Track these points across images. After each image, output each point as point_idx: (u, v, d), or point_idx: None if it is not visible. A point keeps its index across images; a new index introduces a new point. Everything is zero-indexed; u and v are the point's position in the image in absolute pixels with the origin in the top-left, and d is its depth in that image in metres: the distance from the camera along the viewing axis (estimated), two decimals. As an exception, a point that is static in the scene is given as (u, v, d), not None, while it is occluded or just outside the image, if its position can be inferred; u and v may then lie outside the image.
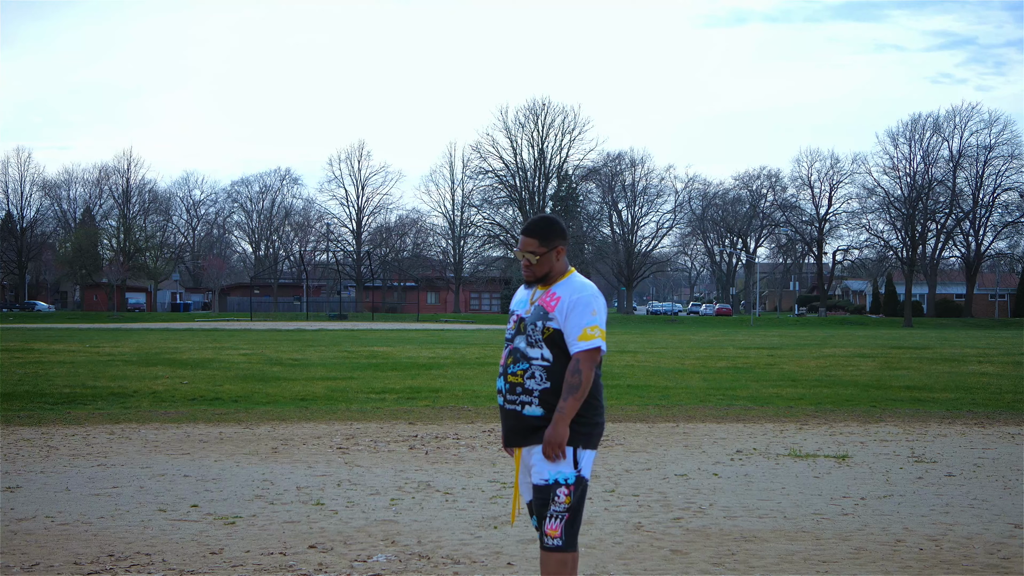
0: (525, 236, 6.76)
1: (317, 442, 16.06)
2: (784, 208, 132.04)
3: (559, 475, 6.51)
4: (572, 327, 6.50)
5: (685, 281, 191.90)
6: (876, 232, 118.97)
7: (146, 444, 15.80)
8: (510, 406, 6.59)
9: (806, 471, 13.65)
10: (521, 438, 6.58)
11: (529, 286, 6.80)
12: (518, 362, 6.56)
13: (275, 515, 10.77)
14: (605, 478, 12.98)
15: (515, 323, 6.71)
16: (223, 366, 32.34)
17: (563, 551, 6.59)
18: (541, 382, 6.50)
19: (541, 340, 6.53)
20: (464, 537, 9.67)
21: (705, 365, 34.23)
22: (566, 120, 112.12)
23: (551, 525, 6.53)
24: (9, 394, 22.72)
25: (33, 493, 11.89)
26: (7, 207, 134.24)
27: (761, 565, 8.74)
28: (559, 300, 6.57)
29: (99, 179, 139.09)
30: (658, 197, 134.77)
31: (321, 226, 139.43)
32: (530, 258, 6.67)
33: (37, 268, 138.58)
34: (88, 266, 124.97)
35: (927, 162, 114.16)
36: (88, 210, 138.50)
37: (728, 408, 21.24)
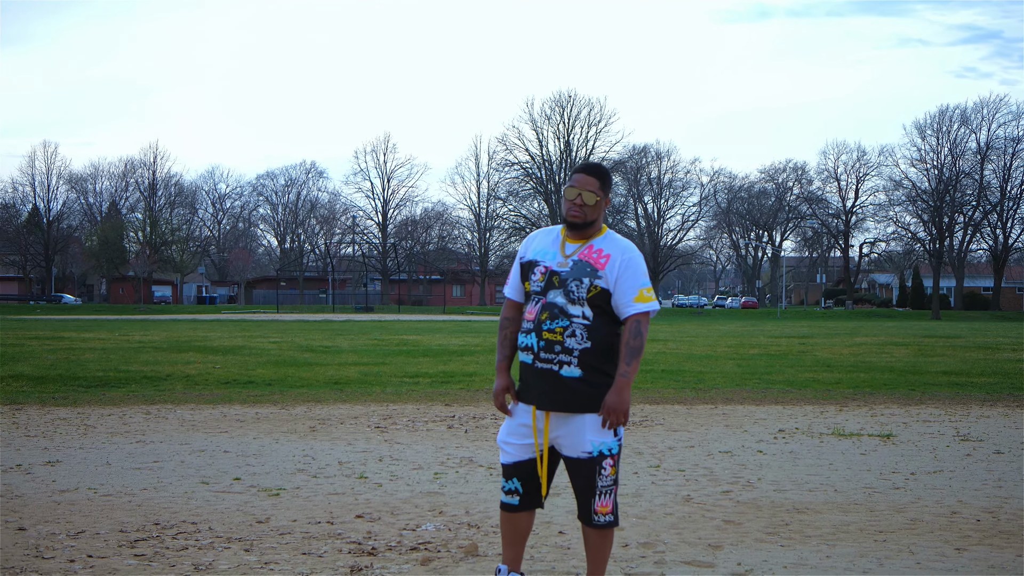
0: (585, 175, 6.36)
1: (355, 422, 15.96)
2: (810, 201, 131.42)
3: (603, 446, 6.25)
4: (627, 287, 6.20)
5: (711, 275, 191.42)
6: (903, 225, 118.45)
7: (183, 423, 15.72)
8: (544, 365, 6.18)
9: (852, 448, 13.49)
10: (559, 403, 6.21)
11: (548, 236, 6.48)
12: (556, 318, 6.16)
13: (319, 487, 10.67)
14: (649, 454, 12.84)
15: (544, 275, 6.33)
16: (254, 352, 32.29)
17: (614, 526, 6.44)
18: (582, 341, 6.16)
19: (584, 298, 6.18)
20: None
21: (737, 352, 34.04)
22: (592, 112, 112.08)
23: (601, 502, 6.29)
24: (43, 377, 22.68)
25: (74, 467, 11.80)
26: (34, 200, 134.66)
27: (817, 535, 8.59)
28: (608, 258, 6.24)
29: (125, 172, 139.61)
30: (683, 190, 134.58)
31: (347, 219, 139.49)
32: (588, 198, 6.28)
33: (64, 261, 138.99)
34: (114, 259, 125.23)
35: (954, 154, 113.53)
36: (114, 203, 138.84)
37: (766, 391, 21.08)
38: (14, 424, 15.50)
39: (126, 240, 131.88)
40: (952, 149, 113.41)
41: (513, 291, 6.58)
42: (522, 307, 6.53)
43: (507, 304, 6.62)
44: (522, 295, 6.51)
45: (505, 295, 6.64)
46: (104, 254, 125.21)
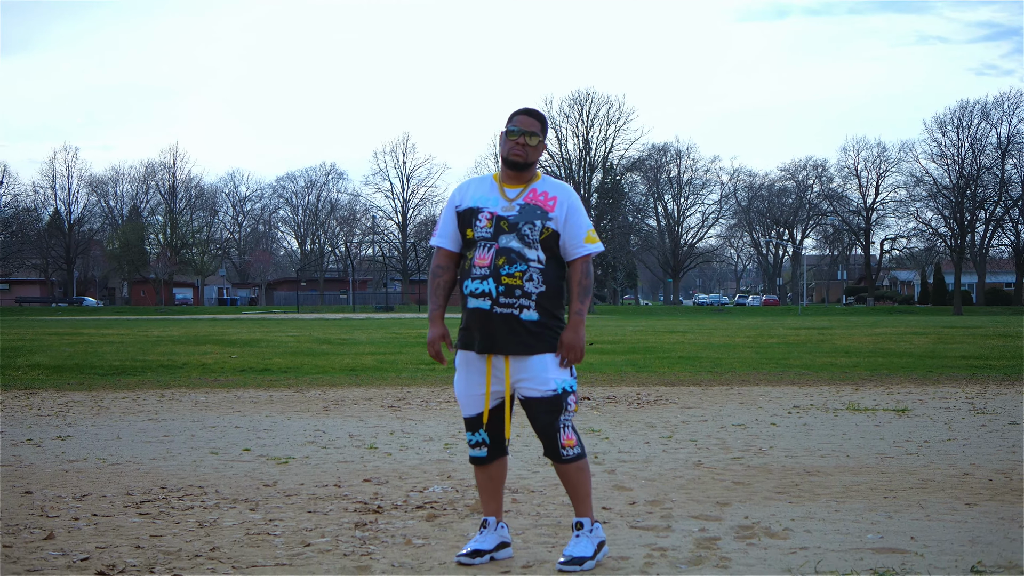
0: (527, 116, 6.42)
1: (368, 402, 15.94)
2: (831, 198, 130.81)
3: (564, 383, 6.29)
4: (576, 229, 6.28)
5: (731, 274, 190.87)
6: (924, 221, 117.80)
7: (196, 404, 15.72)
8: (504, 310, 6.16)
9: (866, 421, 13.41)
10: (520, 346, 6.22)
11: (482, 183, 6.46)
12: (514, 263, 6.16)
13: (328, 456, 10.66)
14: (661, 427, 12.80)
15: (491, 221, 6.27)
16: (272, 344, 32.28)
17: (583, 457, 6.45)
18: (538, 285, 6.19)
19: (538, 241, 6.21)
20: (522, 473, 9.51)
21: (756, 342, 33.90)
22: (611, 110, 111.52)
23: (567, 435, 6.32)
24: (59, 367, 22.72)
25: (84, 441, 11.81)
26: (55, 204, 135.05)
27: (826, 493, 8.52)
28: (556, 200, 6.29)
29: (145, 175, 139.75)
30: (703, 188, 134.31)
31: (366, 220, 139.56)
32: (531, 139, 6.33)
33: (85, 264, 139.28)
34: (135, 261, 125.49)
35: (975, 149, 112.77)
36: (135, 207, 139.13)
37: (782, 374, 21.02)
38: (28, 406, 15.53)
39: (147, 243, 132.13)
40: (973, 144, 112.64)
41: (447, 239, 6.49)
42: (456, 256, 6.48)
43: (439, 253, 6.52)
44: (457, 244, 6.45)
45: (436, 245, 6.53)
46: (125, 257, 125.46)
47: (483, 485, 6.58)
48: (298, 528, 7.30)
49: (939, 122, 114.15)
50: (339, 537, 7.02)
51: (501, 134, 6.41)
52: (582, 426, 12.92)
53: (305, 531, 7.21)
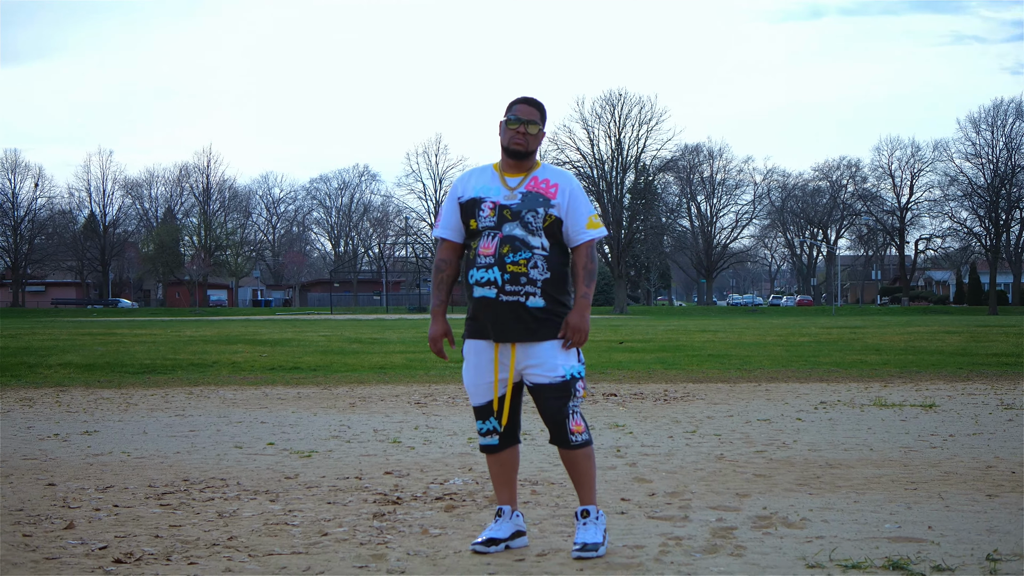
0: (527, 106, 6.43)
1: (395, 399, 15.98)
2: (864, 198, 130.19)
3: (573, 369, 6.31)
4: (579, 215, 6.31)
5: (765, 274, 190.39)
6: (959, 220, 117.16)
7: (224, 401, 15.79)
8: (510, 297, 6.18)
9: (892, 416, 13.36)
10: (527, 333, 6.24)
11: (483, 174, 6.48)
12: (519, 251, 6.18)
13: (351, 450, 10.69)
14: (686, 422, 12.78)
15: (493, 210, 6.30)
16: (302, 344, 32.37)
17: (590, 444, 6.46)
18: (543, 272, 6.21)
19: (541, 228, 6.24)
20: (543, 466, 9.51)
21: (787, 340, 33.79)
22: (643, 111, 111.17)
23: (575, 421, 6.35)
24: (91, 365, 22.84)
25: (110, 436, 11.89)
26: (90, 206, 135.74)
27: (847, 485, 8.50)
28: (557, 187, 6.32)
29: (180, 177, 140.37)
30: (736, 189, 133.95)
31: (399, 221, 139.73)
32: (531, 129, 6.36)
33: (120, 266, 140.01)
34: (170, 263, 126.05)
35: (1010, 148, 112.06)
36: (170, 209, 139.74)
37: (811, 371, 20.96)
38: (57, 403, 15.62)
39: (182, 244, 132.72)
40: (1007, 143, 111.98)
41: (450, 231, 6.51)
42: (459, 248, 6.53)
43: (443, 245, 6.56)
44: (460, 235, 6.48)
45: (439, 237, 6.57)
46: (160, 258, 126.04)
47: (496, 473, 6.60)
48: (316, 518, 7.33)
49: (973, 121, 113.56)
50: (356, 527, 7.04)
51: (500, 123, 6.43)
52: (606, 421, 12.93)
53: (323, 521, 7.24)
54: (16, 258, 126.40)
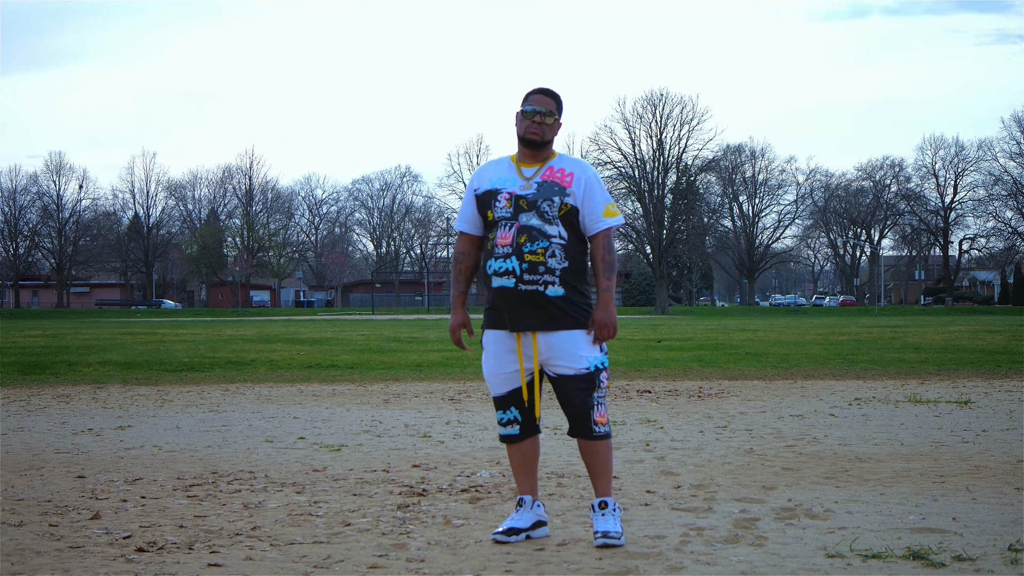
0: (543, 96, 6.43)
1: (429, 395, 16.01)
2: (908, 198, 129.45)
3: (596, 360, 6.32)
4: (595, 204, 6.31)
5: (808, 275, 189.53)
6: (1003, 220, 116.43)
7: (259, 398, 15.86)
8: (529, 287, 6.18)
9: (926, 412, 13.29)
10: (547, 322, 6.25)
11: (499, 165, 6.50)
12: (536, 240, 6.18)
13: (381, 444, 10.73)
14: (718, 418, 12.75)
15: (510, 200, 6.30)
16: (341, 343, 32.48)
17: (610, 436, 6.48)
18: (561, 261, 6.21)
19: (557, 217, 6.24)
20: (571, 459, 9.50)
21: (826, 339, 33.64)
22: (684, 110, 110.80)
23: (600, 412, 6.36)
24: (129, 364, 23.00)
25: (143, 430, 11.97)
26: (134, 208, 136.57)
27: (875, 479, 8.45)
28: (572, 176, 6.33)
29: (223, 179, 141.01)
30: (779, 189, 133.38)
31: (441, 222, 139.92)
32: (547, 119, 6.36)
33: (164, 267, 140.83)
34: (213, 264, 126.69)
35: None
36: (213, 210, 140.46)
37: (848, 368, 20.86)
38: (93, 399, 15.73)
39: (225, 246, 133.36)
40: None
41: (468, 224, 6.54)
42: (478, 240, 6.54)
43: (462, 238, 6.58)
44: (478, 227, 6.50)
45: (458, 229, 6.61)
46: (203, 259, 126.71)
47: (516, 463, 6.61)
48: (341, 509, 7.36)
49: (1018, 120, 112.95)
50: (380, 518, 7.06)
51: (517, 114, 6.44)
52: (638, 416, 12.93)
53: (347, 512, 7.26)
54: (61, 259, 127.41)
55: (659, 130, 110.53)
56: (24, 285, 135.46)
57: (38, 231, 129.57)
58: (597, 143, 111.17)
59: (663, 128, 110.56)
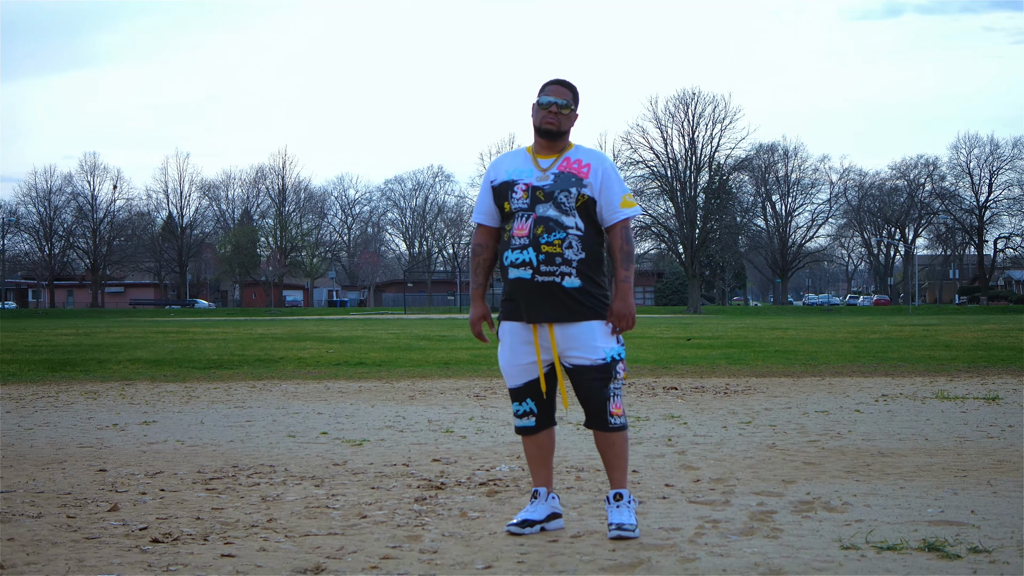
0: (560, 86, 6.41)
1: (455, 392, 16.00)
2: (942, 197, 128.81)
3: (613, 351, 6.29)
4: (612, 194, 6.28)
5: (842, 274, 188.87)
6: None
7: (285, 394, 15.88)
8: (546, 278, 6.17)
9: (953, 408, 13.21)
10: (565, 313, 6.22)
11: (516, 157, 6.49)
12: (552, 231, 6.16)
13: (403, 438, 10.73)
14: (743, 414, 12.71)
15: (526, 192, 6.29)
16: (370, 341, 32.52)
17: (626, 428, 6.46)
18: (578, 252, 6.18)
19: (574, 208, 6.22)
20: (592, 454, 9.44)
21: (857, 337, 33.50)
22: (716, 109, 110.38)
23: (616, 404, 6.34)
24: (159, 361, 23.09)
25: (168, 425, 12.00)
26: (167, 208, 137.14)
27: (896, 473, 8.41)
28: (589, 167, 6.30)
29: (256, 179, 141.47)
30: (812, 188, 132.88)
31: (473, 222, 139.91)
32: (564, 110, 6.34)
33: (197, 267, 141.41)
34: (246, 263, 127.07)
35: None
36: (247, 210, 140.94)
37: (877, 366, 20.75)
38: (121, 395, 15.79)
39: (258, 246, 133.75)
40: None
41: (485, 216, 6.55)
42: (495, 232, 6.53)
43: (479, 230, 6.60)
44: (495, 219, 6.50)
45: (475, 221, 6.61)
46: (237, 259, 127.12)
47: (532, 455, 6.59)
48: (358, 502, 7.36)
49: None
50: (396, 510, 7.06)
51: (533, 105, 6.42)
52: (662, 412, 12.90)
53: (364, 505, 7.27)
54: (95, 259, 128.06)
55: (691, 129, 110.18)
56: (59, 285, 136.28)
57: (73, 231, 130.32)
58: (629, 142, 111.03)
59: (695, 127, 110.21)
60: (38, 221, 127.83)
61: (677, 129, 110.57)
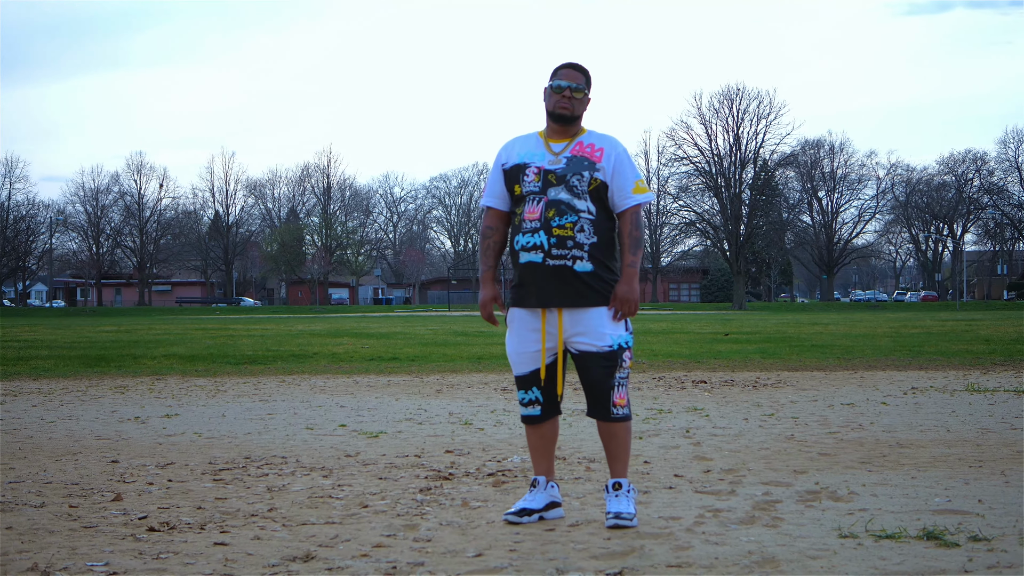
0: (574, 70, 6.36)
1: (483, 386, 15.96)
2: (991, 192, 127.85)
3: (620, 339, 6.21)
4: (624, 180, 6.21)
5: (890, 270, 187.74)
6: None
7: (313, 388, 15.89)
8: (557, 261, 6.10)
9: (981, 400, 13.08)
10: (575, 297, 6.16)
11: (528, 140, 6.42)
12: (564, 214, 6.09)
13: (420, 431, 10.71)
14: (767, 406, 12.62)
15: (538, 175, 6.22)
16: (407, 337, 32.53)
17: (630, 418, 6.39)
18: (590, 236, 6.11)
19: (587, 192, 6.15)
20: (607, 446, 9.41)
21: (898, 332, 33.24)
22: (761, 105, 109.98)
23: (619, 394, 6.26)
24: (193, 356, 23.15)
25: (189, 418, 12.02)
26: (213, 206, 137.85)
27: (911, 463, 8.30)
28: (603, 151, 6.23)
29: (301, 177, 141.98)
30: (859, 183, 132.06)
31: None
32: (577, 94, 6.28)
33: (244, 265, 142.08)
34: (291, 262, 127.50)
35: None
36: (293, 208, 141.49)
37: (912, 359, 20.58)
38: (149, 390, 15.84)
39: (304, 244, 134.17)
40: None
41: (495, 199, 6.47)
42: (505, 216, 6.46)
43: (489, 213, 6.51)
44: (506, 203, 6.43)
45: (485, 205, 6.54)
46: (283, 257, 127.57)
47: (534, 444, 6.53)
48: (363, 492, 7.33)
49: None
50: (400, 500, 7.03)
51: (545, 89, 6.36)
52: (686, 405, 12.83)
53: (368, 495, 7.23)
54: (142, 258, 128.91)
55: (736, 125, 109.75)
56: (107, 284, 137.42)
57: (120, 230, 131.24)
58: (673, 139, 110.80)
59: (740, 123, 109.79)
60: (86, 220, 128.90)
61: (721, 125, 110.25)
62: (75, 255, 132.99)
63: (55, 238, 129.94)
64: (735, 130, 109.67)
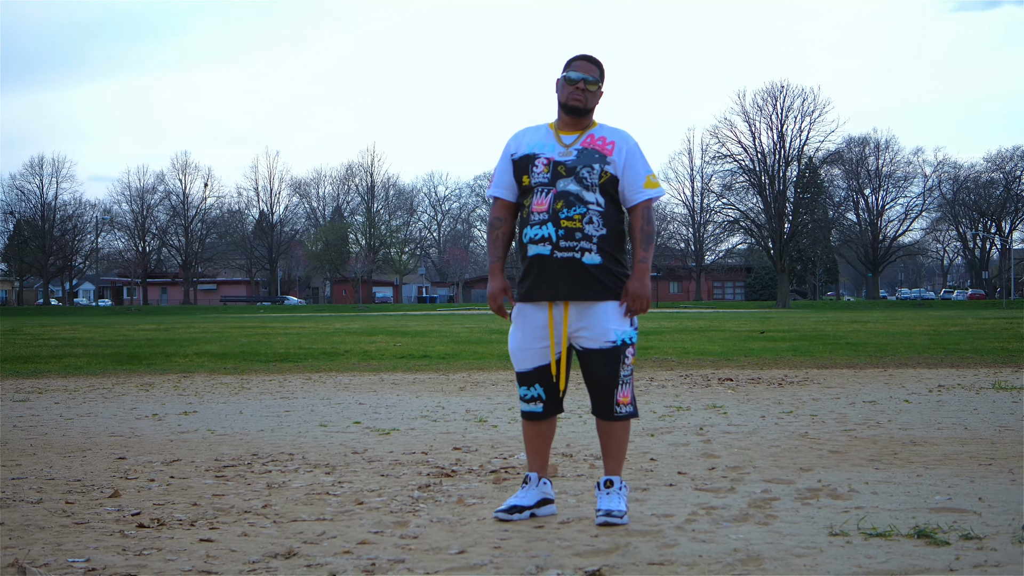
0: (588, 62, 6.30)
1: (508, 384, 15.89)
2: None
3: (625, 335, 6.13)
4: (636, 173, 6.14)
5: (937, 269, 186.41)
6: None
7: (337, 386, 15.89)
8: (565, 253, 6.01)
9: (1006, 398, 12.93)
10: (583, 290, 6.07)
11: (538, 131, 6.33)
12: (573, 206, 6.00)
13: (433, 428, 10.67)
14: (788, 404, 12.54)
15: (548, 166, 6.14)
16: (442, 335, 32.54)
17: (632, 417, 6.31)
18: (599, 228, 6.03)
19: (597, 185, 6.06)
20: (617, 443, 9.34)
21: (936, 330, 32.99)
22: (805, 102, 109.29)
23: (623, 392, 6.18)
24: (225, 354, 23.21)
25: (206, 415, 12.03)
26: (258, 205, 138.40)
27: (920, 461, 8.19)
28: (614, 144, 6.17)
29: (345, 176, 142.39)
30: (904, 181, 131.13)
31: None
32: (591, 86, 6.22)
33: (288, 264, 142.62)
34: (335, 260, 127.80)
35: None
36: (338, 207, 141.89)
37: (945, 357, 20.39)
38: (174, 388, 15.87)
39: (348, 243, 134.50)
40: None
41: (503, 189, 6.37)
42: (513, 207, 6.38)
43: (497, 204, 6.42)
44: (514, 193, 6.34)
45: (492, 195, 6.45)
46: (327, 256, 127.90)
47: (531, 441, 6.45)
48: (361, 489, 7.29)
49: None
50: (396, 497, 6.98)
51: (558, 81, 6.30)
52: (706, 402, 12.73)
53: (366, 492, 7.19)
54: (188, 257, 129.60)
55: (780, 122, 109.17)
56: (153, 282, 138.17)
57: (166, 229, 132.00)
58: (717, 136, 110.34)
59: (784, 120, 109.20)
60: (132, 219, 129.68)
61: (765, 123, 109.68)
62: (121, 254, 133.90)
63: (101, 237, 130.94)
64: (779, 127, 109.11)
